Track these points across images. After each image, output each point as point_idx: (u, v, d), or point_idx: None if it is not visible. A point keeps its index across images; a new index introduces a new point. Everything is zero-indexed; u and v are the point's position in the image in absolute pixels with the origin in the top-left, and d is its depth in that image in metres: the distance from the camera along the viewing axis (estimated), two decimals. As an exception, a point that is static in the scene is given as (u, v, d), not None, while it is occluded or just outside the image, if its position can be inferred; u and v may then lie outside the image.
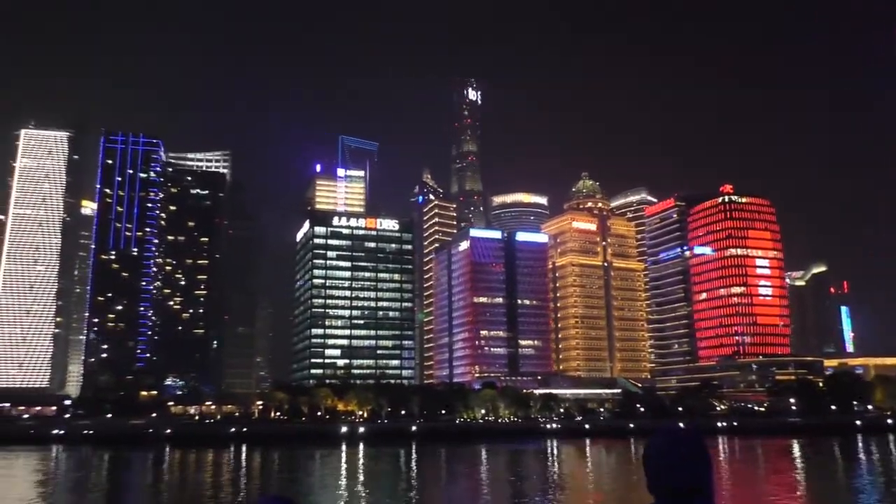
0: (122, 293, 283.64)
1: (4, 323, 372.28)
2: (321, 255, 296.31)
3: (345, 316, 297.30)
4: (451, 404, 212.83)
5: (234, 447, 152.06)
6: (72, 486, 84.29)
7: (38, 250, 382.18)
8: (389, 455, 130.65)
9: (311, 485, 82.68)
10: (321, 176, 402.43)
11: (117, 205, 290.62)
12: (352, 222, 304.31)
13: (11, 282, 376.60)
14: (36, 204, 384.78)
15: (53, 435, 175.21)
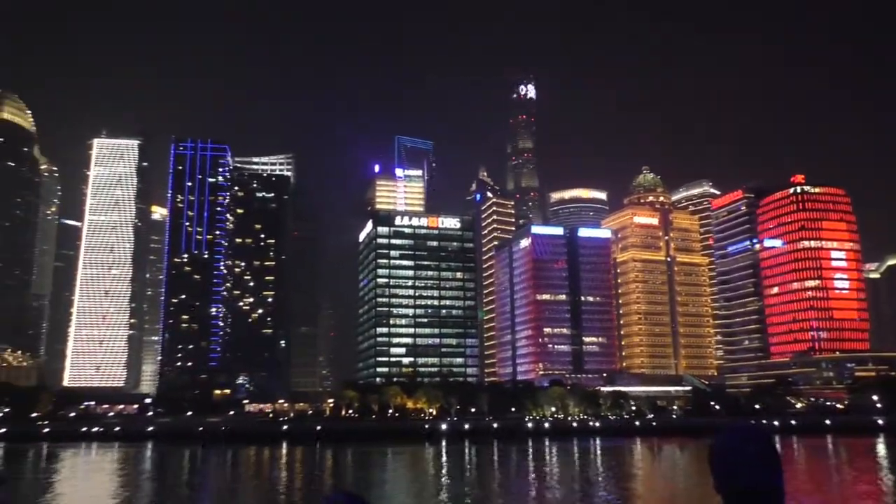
0: (195, 295, 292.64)
1: (83, 325, 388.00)
2: (384, 255, 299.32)
3: (408, 315, 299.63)
4: (519, 402, 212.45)
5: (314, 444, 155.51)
6: (156, 482, 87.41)
7: (112, 255, 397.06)
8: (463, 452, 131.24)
9: (395, 482, 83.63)
10: (380, 176, 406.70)
11: (188, 209, 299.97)
12: (413, 221, 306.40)
13: (88, 286, 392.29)
14: (109, 210, 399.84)
15: (137, 432, 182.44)
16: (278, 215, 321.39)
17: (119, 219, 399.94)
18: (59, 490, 76.03)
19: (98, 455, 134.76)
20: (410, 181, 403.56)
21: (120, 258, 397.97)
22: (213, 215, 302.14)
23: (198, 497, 72.45)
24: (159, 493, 74.46)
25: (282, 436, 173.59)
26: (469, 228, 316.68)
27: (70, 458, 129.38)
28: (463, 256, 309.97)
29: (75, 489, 78.45)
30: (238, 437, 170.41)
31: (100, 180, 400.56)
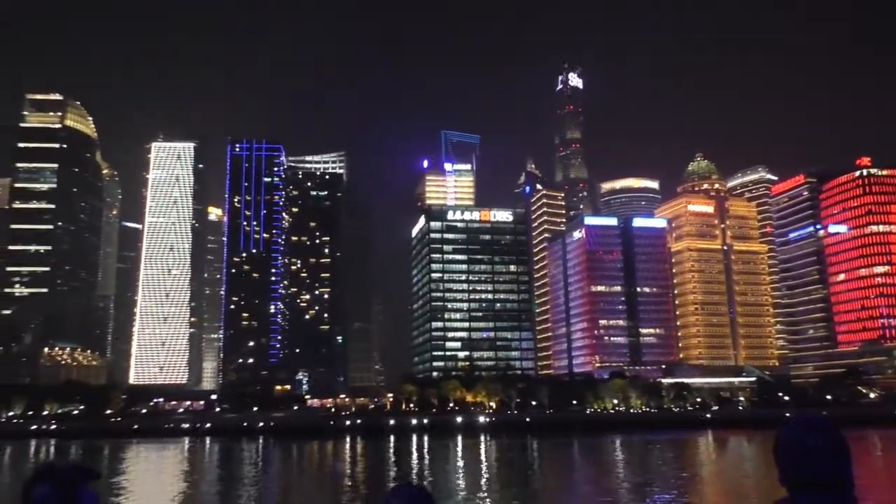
0: (254, 293, 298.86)
1: (145, 325, 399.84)
2: (438, 250, 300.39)
3: (463, 309, 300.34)
4: (580, 395, 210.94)
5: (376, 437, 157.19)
6: (225, 475, 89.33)
7: (172, 256, 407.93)
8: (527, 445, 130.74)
9: (458, 474, 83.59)
10: (429, 171, 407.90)
11: (245, 209, 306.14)
12: (466, 216, 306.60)
13: (149, 287, 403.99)
14: (168, 212, 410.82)
15: (205, 428, 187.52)
16: (332, 213, 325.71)
17: (177, 220, 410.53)
18: (137, 484, 78.58)
19: (169, 450, 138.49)
20: (460, 175, 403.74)
21: (179, 259, 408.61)
22: (270, 214, 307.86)
23: (265, 489, 73.82)
24: (229, 485, 76.19)
25: (345, 430, 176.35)
26: (522, 221, 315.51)
27: (143, 454, 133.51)
28: (516, 249, 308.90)
29: (151, 483, 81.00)
30: (303, 431, 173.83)
31: (158, 183, 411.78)
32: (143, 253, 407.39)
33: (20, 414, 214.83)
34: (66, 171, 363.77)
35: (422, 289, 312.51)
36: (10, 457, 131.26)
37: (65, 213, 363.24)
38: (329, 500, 62.61)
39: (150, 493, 70.38)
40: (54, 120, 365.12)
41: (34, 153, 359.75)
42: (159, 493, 70.61)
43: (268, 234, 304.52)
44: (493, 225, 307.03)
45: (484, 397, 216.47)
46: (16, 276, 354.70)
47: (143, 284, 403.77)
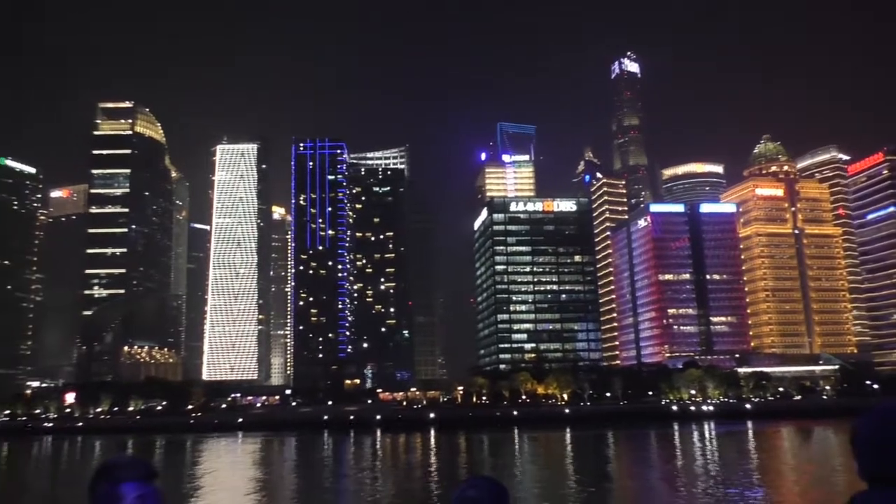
0: (321, 289, 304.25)
1: (216, 323, 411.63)
2: (501, 242, 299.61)
3: (528, 300, 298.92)
4: (654, 385, 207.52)
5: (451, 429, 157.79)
6: (304, 467, 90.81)
7: (239, 255, 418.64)
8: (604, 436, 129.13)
9: (534, 467, 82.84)
10: (488, 164, 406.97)
11: (310, 207, 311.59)
12: (529, 207, 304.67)
13: (219, 286, 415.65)
14: (233, 213, 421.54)
15: (282, 421, 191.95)
16: (395, 208, 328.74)
17: (243, 220, 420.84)
18: (224, 476, 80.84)
19: (249, 443, 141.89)
20: (519, 167, 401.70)
21: (246, 257, 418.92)
22: (335, 211, 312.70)
23: (341, 480, 74.73)
24: (311, 476, 77.51)
25: (420, 422, 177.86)
26: (586, 210, 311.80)
27: (225, 447, 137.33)
28: (580, 239, 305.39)
29: (235, 475, 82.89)
30: (375, 424, 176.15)
31: (224, 184, 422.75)
32: (212, 253, 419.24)
33: (107, 410, 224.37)
34: (137, 176, 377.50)
35: (486, 281, 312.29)
36: (101, 450, 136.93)
37: (138, 216, 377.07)
38: (410, 492, 63.02)
39: (237, 485, 71.83)
40: (125, 127, 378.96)
41: (108, 160, 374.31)
42: (246, 485, 72.29)
43: (333, 231, 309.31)
44: (557, 215, 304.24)
45: (555, 389, 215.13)
46: (94, 278, 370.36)
47: (213, 284, 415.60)
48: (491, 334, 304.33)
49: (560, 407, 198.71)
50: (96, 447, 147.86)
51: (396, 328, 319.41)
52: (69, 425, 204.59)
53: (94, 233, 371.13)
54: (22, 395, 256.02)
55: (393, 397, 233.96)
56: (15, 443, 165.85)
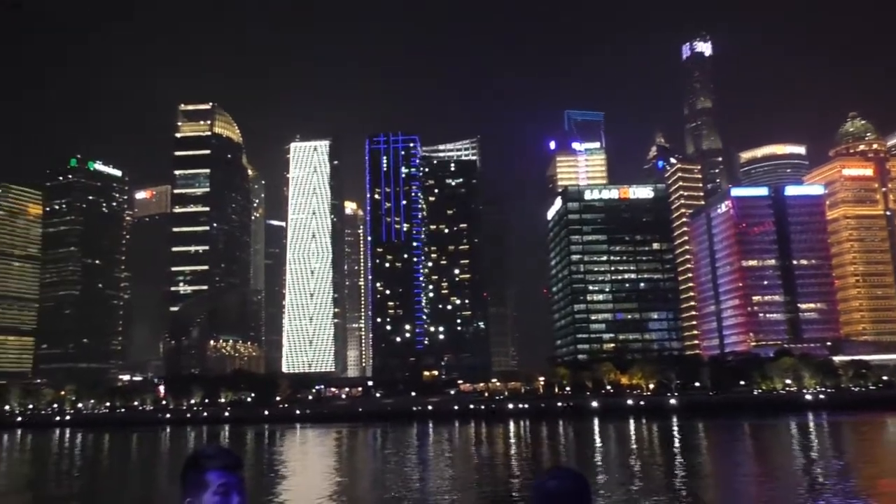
0: (398, 282, 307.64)
1: (293, 317, 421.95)
2: (577, 231, 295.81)
3: (605, 290, 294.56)
4: (745, 375, 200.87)
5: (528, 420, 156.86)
6: (387, 456, 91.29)
7: (314, 250, 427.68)
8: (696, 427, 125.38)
9: (623, 459, 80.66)
10: (559, 152, 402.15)
11: (385, 201, 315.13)
12: (604, 195, 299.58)
13: (295, 280, 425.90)
14: (307, 209, 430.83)
15: (366, 412, 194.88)
16: (468, 200, 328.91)
17: (317, 216, 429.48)
18: (313, 465, 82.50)
19: (335, 434, 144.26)
20: (591, 154, 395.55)
21: (320, 253, 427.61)
22: (409, 205, 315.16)
23: (426, 470, 74.85)
24: (394, 465, 78.01)
25: (501, 413, 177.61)
26: (663, 197, 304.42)
27: (314, 437, 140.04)
28: (658, 226, 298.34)
29: (324, 463, 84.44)
30: (457, 415, 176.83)
31: (298, 181, 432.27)
32: (288, 249, 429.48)
33: (198, 402, 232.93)
34: (217, 176, 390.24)
35: (561, 271, 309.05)
36: (195, 440, 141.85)
37: (218, 214, 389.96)
38: (492, 482, 62.46)
39: (328, 472, 72.99)
40: (204, 128, 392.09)
41: (189, 160, 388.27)
42: (337, 473, 73.41)
43: (408, 225, 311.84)
44: (632, 202, 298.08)
45: (640, 379, 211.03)
46: (180, 275, 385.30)
47: (290, 279, 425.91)
48: (567, 324, 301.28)
49: (646, 397, 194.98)
50: (190, 437, 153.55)
51: (472, 319, 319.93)
52: (165, 417, 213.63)
53: (178, 231, 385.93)
54: (119, 388, 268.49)
55: (473, 388, 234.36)
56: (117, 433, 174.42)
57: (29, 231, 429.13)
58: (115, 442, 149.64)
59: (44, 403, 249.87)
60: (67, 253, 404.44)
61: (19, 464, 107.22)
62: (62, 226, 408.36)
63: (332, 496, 53.50)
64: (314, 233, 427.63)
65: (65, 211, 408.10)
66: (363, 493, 56.37)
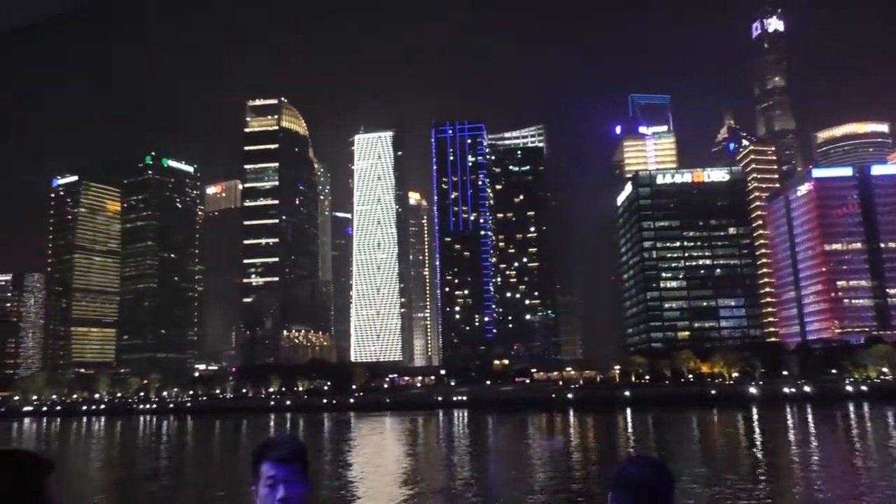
0: (466, 271, 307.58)
1: (360, 306, 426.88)
2: (648, 217, 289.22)
3: (679, 276, 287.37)
4: (835, 363, 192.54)
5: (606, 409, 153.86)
6: (464, 442, 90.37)
7: (380, 241, 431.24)
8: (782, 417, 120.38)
9: (705, 449, 77.45)
10: (626, 136, 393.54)
11: (452, 190, 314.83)
12: (676, 178, 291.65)
13: (362, 271, 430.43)
14: (373, 200, 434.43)
15: (442, 401, 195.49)
16: (535, 187, 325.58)
17: (382, 207, 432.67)
18: (391, 450, 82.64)
19: (412, 421, 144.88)
20: (660, 138, 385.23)
21: (386, 243, 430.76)
22: (476, 193, 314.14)
23: (504, 457, 74.06)
24: (465, 451, 77.07)
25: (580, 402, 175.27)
26: (740, 179, 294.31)
27: (391, 425, 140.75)
28: (733, 210, 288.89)
29: (405, 449, 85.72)
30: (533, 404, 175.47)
31: (363, 173, 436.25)
32: (354, 240, 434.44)
33: (276, 390, 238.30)
34: (285, 169, 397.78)
35: (633, 258, 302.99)
36: (274, 428, 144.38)
37: (287, 207, 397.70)
38: (571, 469, 60.98)
39: (407, 459, 73.92)
40: (272, 123, 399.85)
41: (257, 155, 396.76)
42: (415, 458, 74.36)
43: (476, 213, 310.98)
44: (706, 186, 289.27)
45: (722, 368, 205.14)
46: (251, 267, 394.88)
47: (356, 269, 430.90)
48: (640, 312, 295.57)
49: (729, 386, 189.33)
50: (269, 425, 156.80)
51: (540, 308, 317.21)
52: (245, 405, 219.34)
53: (249, 224, 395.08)
54: (200, 377, 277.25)
55: (548, 377, 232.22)
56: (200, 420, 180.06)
57: (109, 227, 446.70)
58: (200, 428, 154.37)
59: (131, 392, 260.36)
60: (145, 247, 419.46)
61: (120, 447, 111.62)
62: (139, 221, 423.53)
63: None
64: (380, 224, 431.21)
65: (141, 207, 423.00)
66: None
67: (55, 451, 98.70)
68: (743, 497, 42.76)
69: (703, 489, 44.60)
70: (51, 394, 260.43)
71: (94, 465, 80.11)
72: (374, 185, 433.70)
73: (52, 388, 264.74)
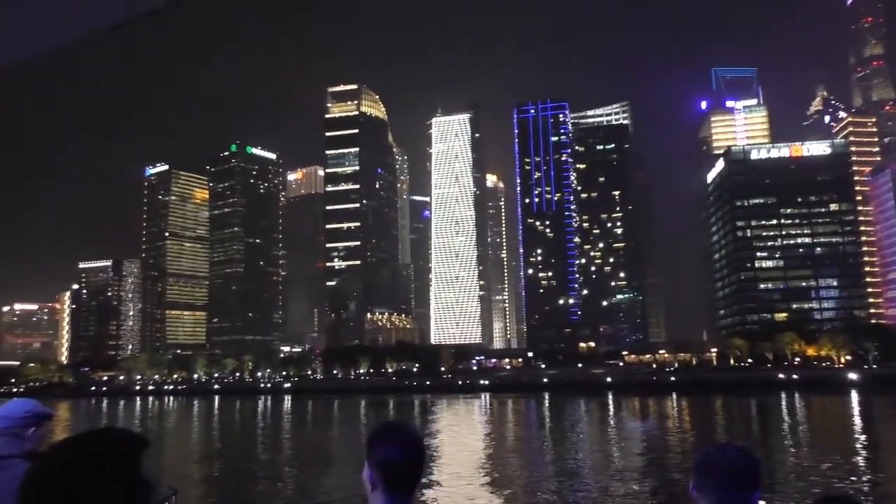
0: (550, 252, 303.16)
1: (440, 289, 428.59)
2: (742, 194, 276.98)
3: (776, 255, 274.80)
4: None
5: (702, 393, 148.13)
6: (553, 426, 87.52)
7: (458, 224, 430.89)
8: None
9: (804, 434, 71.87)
10: (713, 111, 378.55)
11: (535, 170, 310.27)
12: (773, 154, 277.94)
13: (441, 253, 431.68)
14: (450, 183, 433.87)
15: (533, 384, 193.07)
16: (620, 166, 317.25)
17: (460, 190, 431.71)
18: (487, 432, 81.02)
19: (501, 403, 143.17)
20: (750, 112, 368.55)
21: (464, 226, 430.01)
22: (559, 173, 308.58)
23: (581, 439, 71.86)
24: (564, 434, 75.67)
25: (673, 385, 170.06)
26: (842, 153, 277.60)
27: (482, 407, 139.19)
28: (836, 186, 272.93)
29: (507, 431, 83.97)
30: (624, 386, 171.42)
31: (440, 156, 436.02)
32: (433, 223, 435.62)
33: (365, 372, 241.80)
34: (365, 154, 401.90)
35: (724, 237, 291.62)
36: (366, 408, 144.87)
37: (367, 191, 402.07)
38: (655, 452, 57.89)
39: (503, 440, 72.64)
40: (352, 108, 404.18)
41: (339, 140, 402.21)
42: (513, 440, 72.99)
43: (559, 194, 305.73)
44: (805, 160, 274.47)
45: (830, 351, 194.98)
46: (334, 251, 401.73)
47: (435, 252, 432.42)
48: (732, 293, 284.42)
49: (839, 370, 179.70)
50: (362, 406, 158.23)
51: (627, 289, 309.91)
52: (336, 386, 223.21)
53: (331, 209, 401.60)
54: (291, 358, 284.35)
55: (639, 360, 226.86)
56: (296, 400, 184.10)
57: (197, 214, 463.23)
58: (296, 408, 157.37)
59: (226, 372, 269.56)
60: (232, 233, 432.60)
61: (220, 425, 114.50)
62: (226, 208, 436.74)
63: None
64: (458, 207, 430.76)
65: (228, 194, 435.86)
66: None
67: (158, 430, 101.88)
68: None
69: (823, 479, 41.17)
70: (152, 374, 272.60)
71: (197, 442, 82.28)
72: (452, 167, 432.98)
73: (153, 368, 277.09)
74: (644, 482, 41.70)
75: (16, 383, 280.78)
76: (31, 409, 4.61)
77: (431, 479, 42.76)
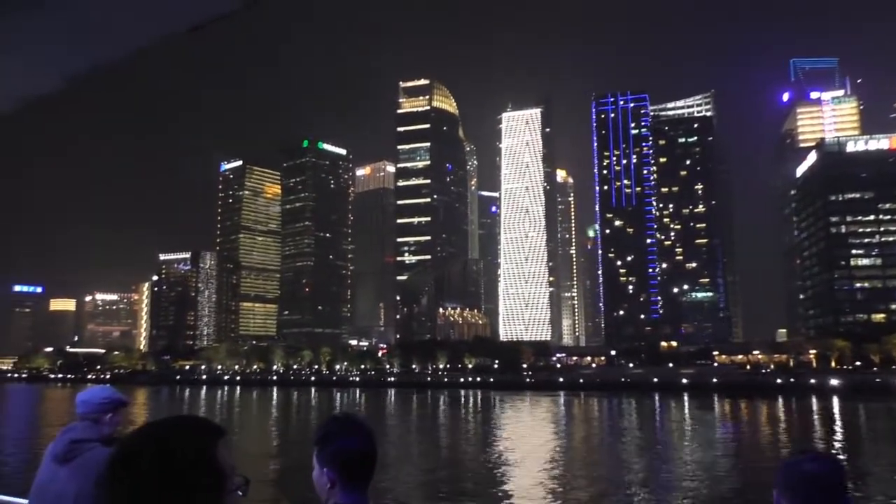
0: (629, 249, 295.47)
1: (509, 286, 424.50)
2: (836, 189, 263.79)
3: (872, 253, 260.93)
4: None
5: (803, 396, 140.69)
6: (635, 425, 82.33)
7: (527, 220, 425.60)
8: None
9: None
10: (799, 103, 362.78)
11: (614, 164, 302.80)
12: (871, 146, 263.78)
13: (510, 250, 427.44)
14: (520, 178, 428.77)
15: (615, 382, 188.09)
16: (703, 158, 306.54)
17: (530, 185, 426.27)
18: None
19: (585, 402, 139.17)
20: (839, 103, 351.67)
21: (534, 222, 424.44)
22: (640, 167, 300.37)
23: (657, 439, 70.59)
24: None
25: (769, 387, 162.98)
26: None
27: (574, 405, 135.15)
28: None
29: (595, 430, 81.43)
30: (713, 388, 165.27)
31: (510, 151, 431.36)
32: (502, 218, 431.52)
33: (443, 367, 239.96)
34: (436, 149, 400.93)
35: (816, 234, 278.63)
36: (446, 404, 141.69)
37: (438, 186, 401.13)
38: (744, 456, 55.04)
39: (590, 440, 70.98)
40: (423, 103, 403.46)
41: (410, 135, 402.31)
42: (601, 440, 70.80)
43: (639, 188, 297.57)
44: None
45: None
46: (405, 245, 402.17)
47: (504, 248, 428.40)
48: (823, 293, 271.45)
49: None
50: (441, 399, 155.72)
51: (709, 287, 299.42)
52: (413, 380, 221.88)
53: (402, 204, 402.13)
54: (368, 351, 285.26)
55: (731, 360, 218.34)
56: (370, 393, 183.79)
57: (269, 209, 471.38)
58: (372, 401, 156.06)
59: (303, 364, 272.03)
60: (303, 227, 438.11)
61: (297, 416, 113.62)
62: (297, 203, 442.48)
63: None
64: (527, 202, 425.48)
65: (299, 189, 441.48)
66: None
67: (237, 419, 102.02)
68: None
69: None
70: (232, 364, 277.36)
71: (276, 433, 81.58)
72: (522, 162, 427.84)
73: (232, 358, 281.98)
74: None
75: (101, 370, 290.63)
76: (108, 396, 4.91)
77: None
